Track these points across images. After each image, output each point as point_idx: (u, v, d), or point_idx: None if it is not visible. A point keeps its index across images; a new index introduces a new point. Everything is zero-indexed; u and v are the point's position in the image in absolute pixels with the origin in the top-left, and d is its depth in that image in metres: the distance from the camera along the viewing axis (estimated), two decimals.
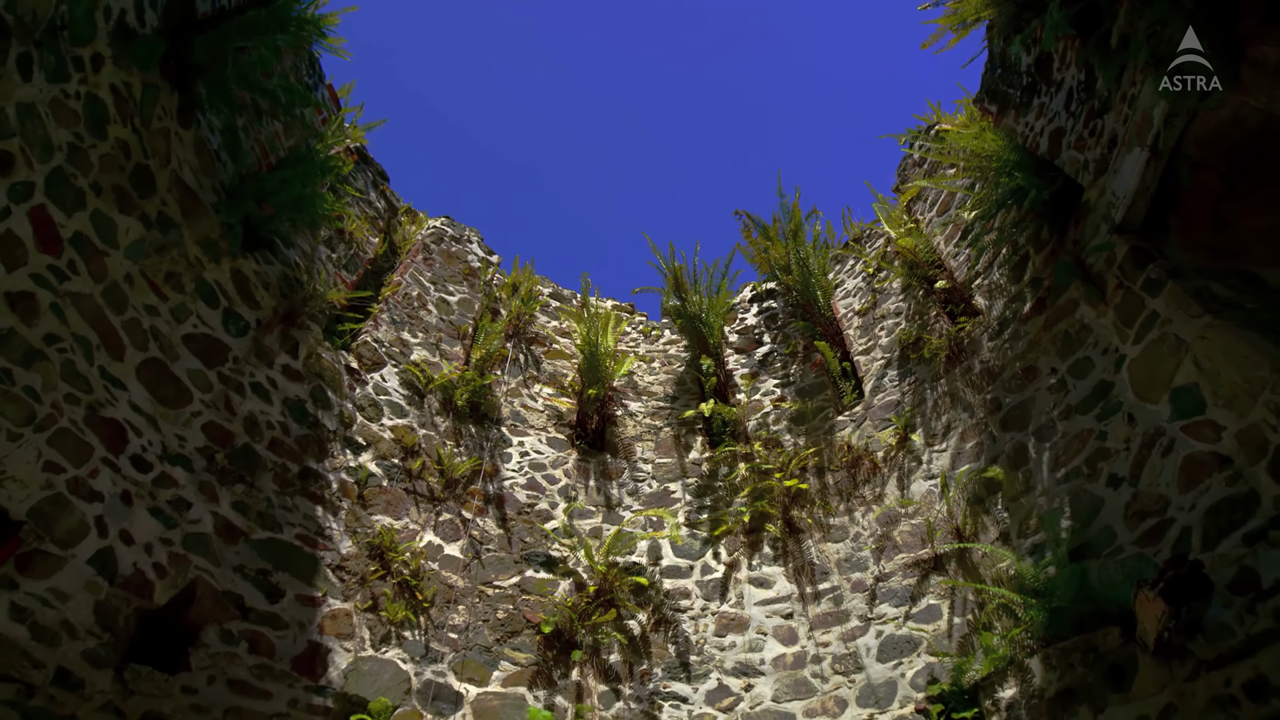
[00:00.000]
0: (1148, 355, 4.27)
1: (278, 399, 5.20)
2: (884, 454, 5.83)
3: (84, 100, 3.97)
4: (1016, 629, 4.31)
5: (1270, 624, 3.37)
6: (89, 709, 3.58)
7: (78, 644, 3.65)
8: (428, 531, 5.50)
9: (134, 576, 3.98)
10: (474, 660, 5.03)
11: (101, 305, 4.15)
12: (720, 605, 5.54)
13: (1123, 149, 4.49)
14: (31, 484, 3.62)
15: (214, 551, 4.42)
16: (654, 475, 6.61)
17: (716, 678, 5.13)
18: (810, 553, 5.62)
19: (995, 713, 4.24)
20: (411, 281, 6.96)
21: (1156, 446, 4.13)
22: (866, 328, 6.86)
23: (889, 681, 4.74)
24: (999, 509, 4.89)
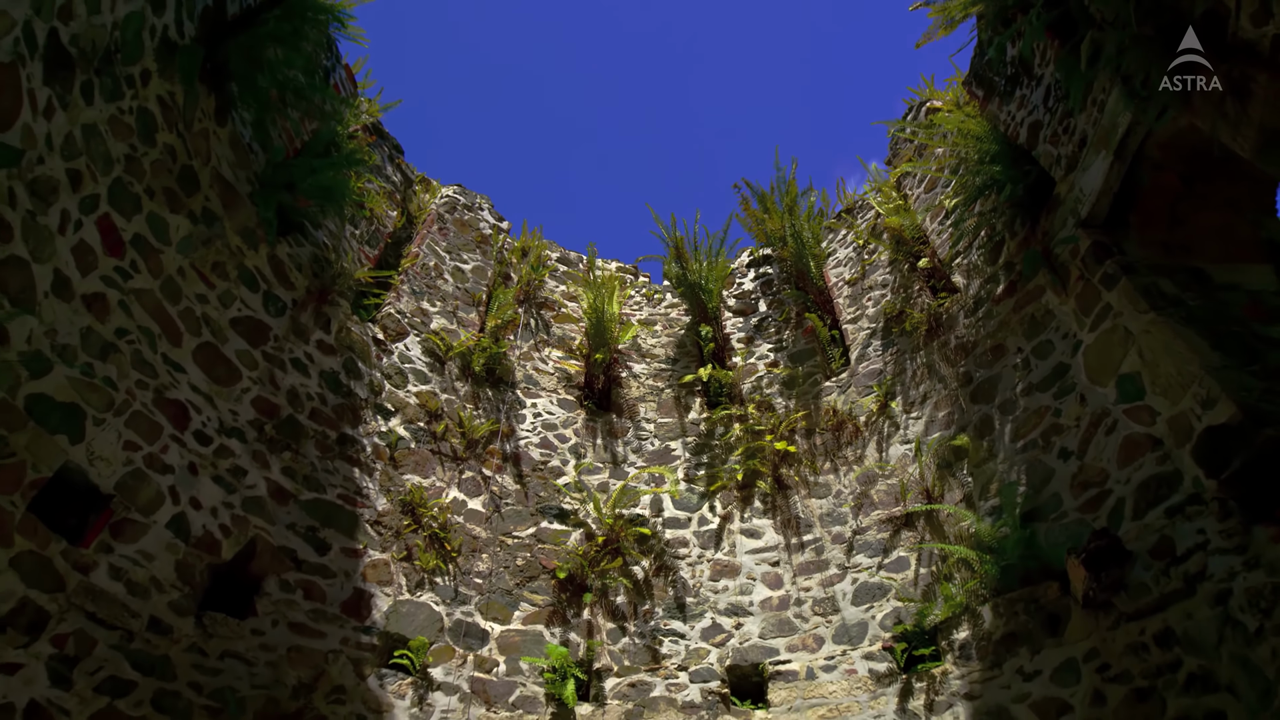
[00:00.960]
0: (1100, 343, 4.72)
1: (315, 372, 5.69)
2: (866, 419, 6.35)
3: (136, 114, 4.32)
4: (972, 581, 4.91)
5: (1180, 585, 3.94)
6: (178, 650, 4.20)
7: (164, 596, 4.25)
8: (452, 488, 6.07)
9: (204, 537, 4.56)
10: (497, 602, 5.68)
11: (160, 298, 4.60)
12: (715, 553, 6.17)
13: (1091, 149, 4.83)
14: (115, 462, 4.15)
15: (269, 512, 4.99)
16: (656, 434, 7.17)
17: (711, 617, 5.79)
18: (796, 507, 6.21)
19: (950, 651, 4.89)
20: (428, 252, 7.35)
21: (1102, 426, 4.63)
22: (855, 297, 7.28)
23: (861, 622, 5.39)
24: (964, 474, 5.44)
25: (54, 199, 3.79)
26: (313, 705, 4.52)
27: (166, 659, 4.14)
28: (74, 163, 3.90)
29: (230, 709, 4.24)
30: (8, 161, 3.44)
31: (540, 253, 8.46)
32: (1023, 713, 4.39)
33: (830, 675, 5.21)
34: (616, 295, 7.82)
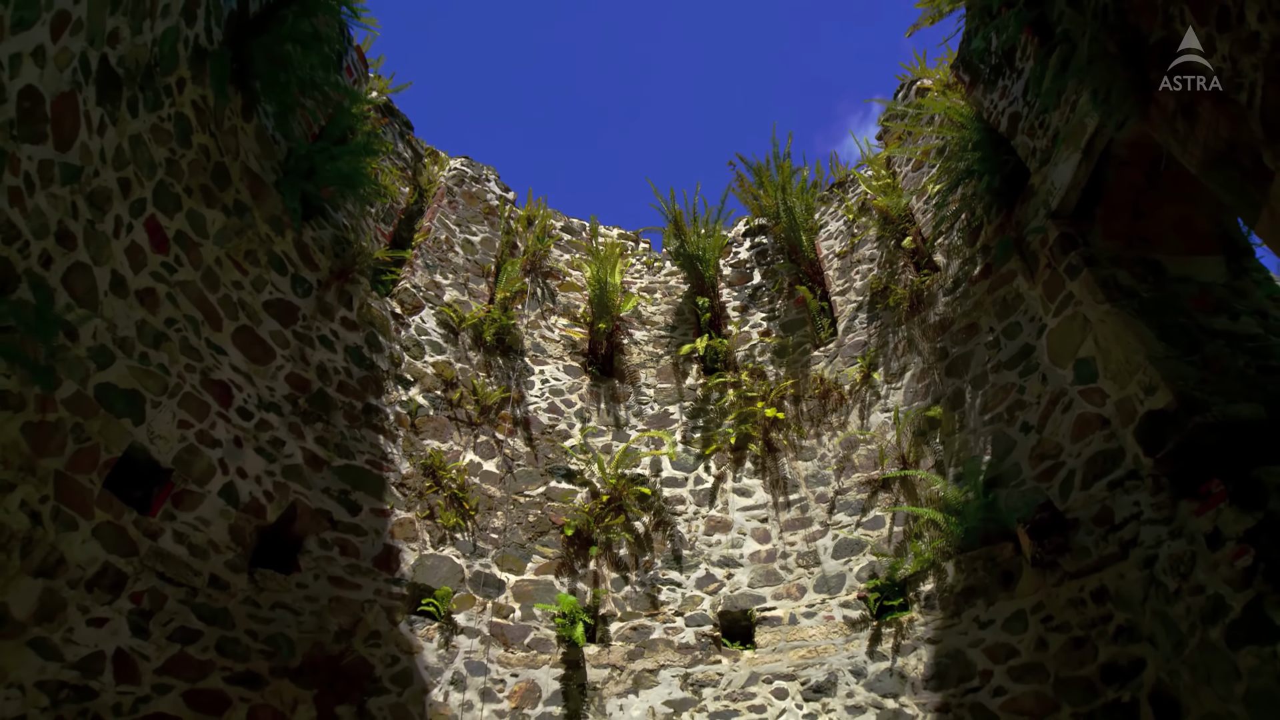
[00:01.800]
0: (1062, 328, 5.13)
1: (340, 347, 6.11)
2: (850, 388, 6.80)
3: (174, 120, 4.63)
4: (939, 540, 5.44)
5: (1115, 549, 4.46)
6: (235, 603, 4.75)
7: (220, 556, 4.78)
8: (468, 451, 6.57)
9: (251, 502, 5.06)
10: (512, 555, 6.24)
11: (201, 288, 4.99)
12: (709, 510, 6.71)
13: (1062, 145, 5.14)
14: (172, 439, 4.63)
15: (305, 478, 5.49)
16: (655, 399, 7.63)
17: (705, 568, 6.36)
18: (784, 469, 6.72)
19: (917, 601, 5.46)
20: (439, 226, 7.68)
21: (1060, 404, 5.08)
22: (844, 270, 7.64)
23: (839, 574, 5.96)
24: (937, 442, 5.92)
25: (108, 207, 4.15)
26: (353, 648, 5.11)
27: (226, 610, 4.69)
28: (123, 171, 4.25)
29: (283, 652, 4.82)
30: (70, 178, 3.80)
31: (545, 223, 8.77)
32: (977, 656, 4.97)
33: (811, 621, 5.81)
34: (618, 266, 8.17)
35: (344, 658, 5.05)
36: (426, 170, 8.18)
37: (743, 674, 5.67)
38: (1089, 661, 4.47)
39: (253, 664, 4.68)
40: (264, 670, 4.71)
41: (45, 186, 3.64)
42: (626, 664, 5.77)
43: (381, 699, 5.06)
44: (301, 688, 4.81)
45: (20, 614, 3.65)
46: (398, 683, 5.19)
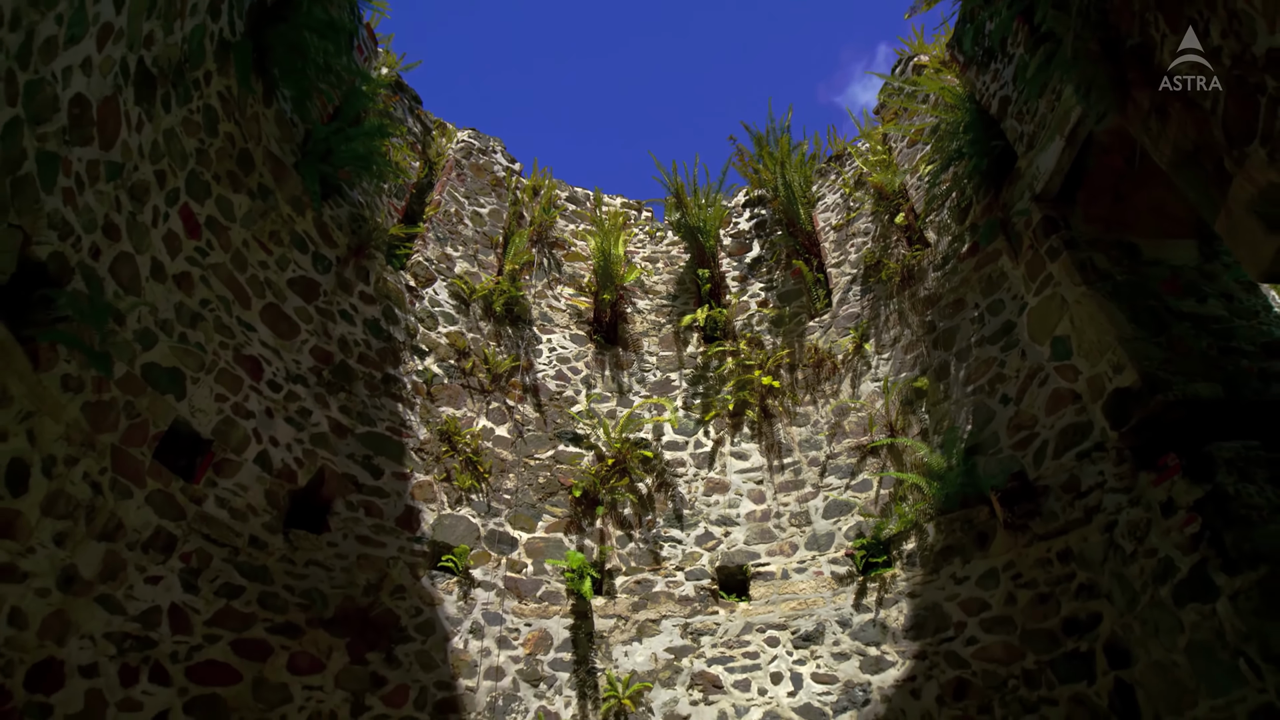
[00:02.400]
0: (1042, 307, 5.43)
1: (359, 320, 6.41)
2: (843, 357, 7.12)
3: (202, 111, 4.85)
4: (921, 502, 5.83)
5: (1080, 515, 4.84)
6: (273, 560, 5.16)
7: (258, 519, 5.17)
8: (481, 418, 6.93)
9: (283, 468, 5.43)
10: (523, 514, 6.65)
11: (231, 269, 5.27)
12: (708, 472, 7.10)
13: (1048, 132, 5.35)
14: (211, 412, 4.97)
15: (331, 445, 5.85)
16: (657, 366, 7.96)
17: (704, 526, 6.78)
18: (779, 434, 7.08)
19: (899, 559, 5.88)
20: (449, 199, 7.89)
21: (1036, 378, 5.41)
22: (840, 243, 7.87)
23: (829, 533, 6.37)
24: (923, 411, 6.26)
25: (146, 198, 4.42)
26: (380, 601, 5.54)
27: (265, 568, 5.10)
28: (159, 164, 4.50)
29: (317, 605, 5.25)
30: (113, 175, 4.06)
31: (550, 193, 8.96)
32: (952, 609, 5.40)
33: (801, 576, 6.24)
34: (622, 237, 8.40)
35: (372, 609, 5.48)
36: (435, 143, 8.35)
37: (738, 624, 6.13)
38: (1052, 615, 4.90)
39: (291, 616, 5.11)
40: (301, 621, 5.14)
41: (93, 184, 3.90)
42: (631, 615, 6.23)
43: (407, 646, 5.52)
44: (335, 636, 5.25)
45: (88, 574, 4.05)
46: (421, 632, 5.64)
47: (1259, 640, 3.69)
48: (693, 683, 5.87)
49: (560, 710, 5.65)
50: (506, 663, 5.78)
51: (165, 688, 4.42)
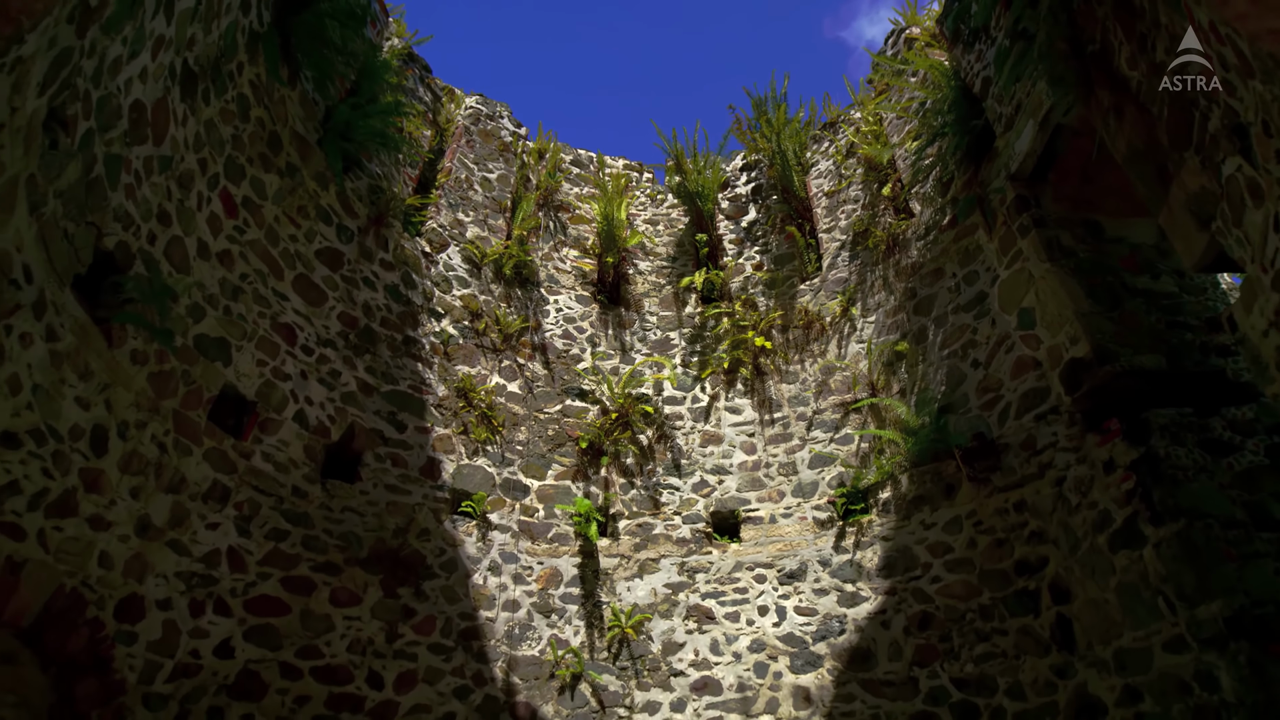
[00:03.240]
0: (1011, 280, 5.85)
1: (380, 286, 6.84)
2: (831, 320, 7.56)
3: (236, 100, 5.18)
4: (897, 456, 6.37)
5: (1034, 470, 5.37)
6: (313, 507, 5.73)
7: (298, 471, 5.71)
8: (494, 375, 7.42)
9: (318, 425, 5.95)
10: (534, 464, 7.21)
11: (265, 244, 5.69)
12: (704, 425, 7.63)
13: (1023, 115, 5.68)
14: (254, 376, 5.46)
15: (360, 402, 6.36)
16: (658, 326, 8.40)
17: (700, 475, 7.35)
18: (770, 391, 7.58)
19: (875, 506, 6.45)
20: (459, 166, 8.20)
21: (1004, 345, 5.87)
22: (831, 209, 8.21)
23: (813, 482, 6.94)
24: (902, 372, 6.74)
25: (191, 185, 4.81)
26: (408, 542, 6.14)
27: (307, 514, 5.67)
28: (201, 153, 4.87)
29: (353, 547, 5.84)
30: (164, 167, 4.45)
31: (555, 158, 9.24)
32: (920, 551, 5.99)
33: (787, 520, 6.83)
34: (624, 202, 8.73)
35: (402, 550, 6.08)
36: (444, 109, 8.60)
37: (729, 563, 6.75)
38: (1007, 558, 5.48)
39: (330, 556, 5.71)
40: (339, 561, 5.74)
41: (148, 178, 4.30)
42: (633, 554, 6.85)
43: (433, 582, 6.14)
44: (370, 574, 5.86)
45: (159, 522, 4.60)
46: (445, 569, 6.25)
47: (1175, 582, 4.26)
48: (688, 614, 6.52)
49: (570, 638, 6.32)
50: (521, 596, 6.42)
51: (227, 618, 5.05)
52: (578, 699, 6.04)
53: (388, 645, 5.73)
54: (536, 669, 6.11)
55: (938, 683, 5.56)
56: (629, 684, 6.17)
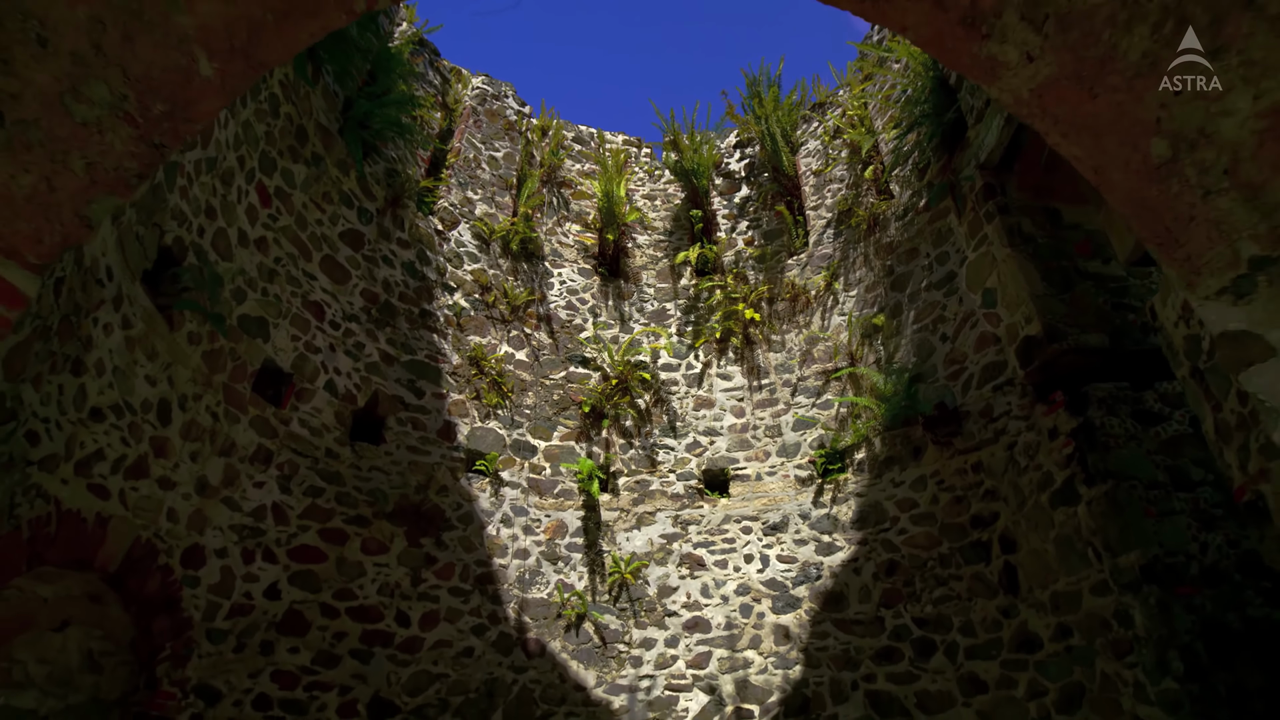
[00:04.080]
0: (977, 262, 6.33)
1: (398, 264, 7.32)
2: (815, 293, 8.05)
3: (268, 99, 5.60)
4: (872, 420, 6.94)
5: (990, 435, 5.94)
6: (344, 467, 6.32)
7: (330, 434, 6.29)
8: (503, 344, 7.96)
9: (346, 393, 6.51)
10: (541, 426, 7.79)
11: (295, 229, 6.16)
12: (697, 390, 8.20)
13: (992, 109, 6.09)
14: (289, 350, 5.99)
15: (382, 371, 6.91)
16: (655, 297, 8.89)
17: (693, 436, 7.94)
18: (759, 359, 8.12)
19: (851, 466, 7.06)
20: (467, 145, 8.58)
21: (969, 322, 6.39)
22: (818, 187, 8.62)
23: (796, 443, 7.53)
24: (878, 343, 7.28)
25: (232, 180, 5.27)
26: (429, 498, 6.75)
27: (339, 473, 6.27)
28: (239, 151, 5.32)
29: (380, 502, 6.45)
30: (210, 168, 4.91)
31: (558, 135, 9.60)
32: (890, 506, 6.61)
33: (772, 478, 7.45)
34: (623, 180, 9.13)
35: (423, 505, 6.70)
36: (452, 89, 8.93)
37: (719, 516, 7.39)
38: (964, 513, 6.10)
39: (360, 510, 6.33)
40: (369, 514, 6.36)
41: (197, 178, 4.77)
42: (631, 508, 7.48)
43: (452, 533, 6.77)
44: (395, 526, 6.49)
45: (214, 481, 5.19)
46: (462, 522, 6.88)
47: (1102, 535, 4.87)
48: (681, 562, 7.19)
49: (575, 583, 6.99)
50: (531, 546, 7.07)
51: (274, 565, 5.68)
52: (582, 636, 6.73)
53: (413, 589, 6.39)
54: (545, 610, 6.79)
55: (901, 621, 6.23)
56: (628, 623, 6.86)
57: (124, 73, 1.80)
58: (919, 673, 6.03)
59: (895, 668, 6.14)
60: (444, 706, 6.16)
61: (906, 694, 6.05)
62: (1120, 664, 4.73)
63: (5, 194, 1.72)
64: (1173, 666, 4.38)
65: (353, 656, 5.95)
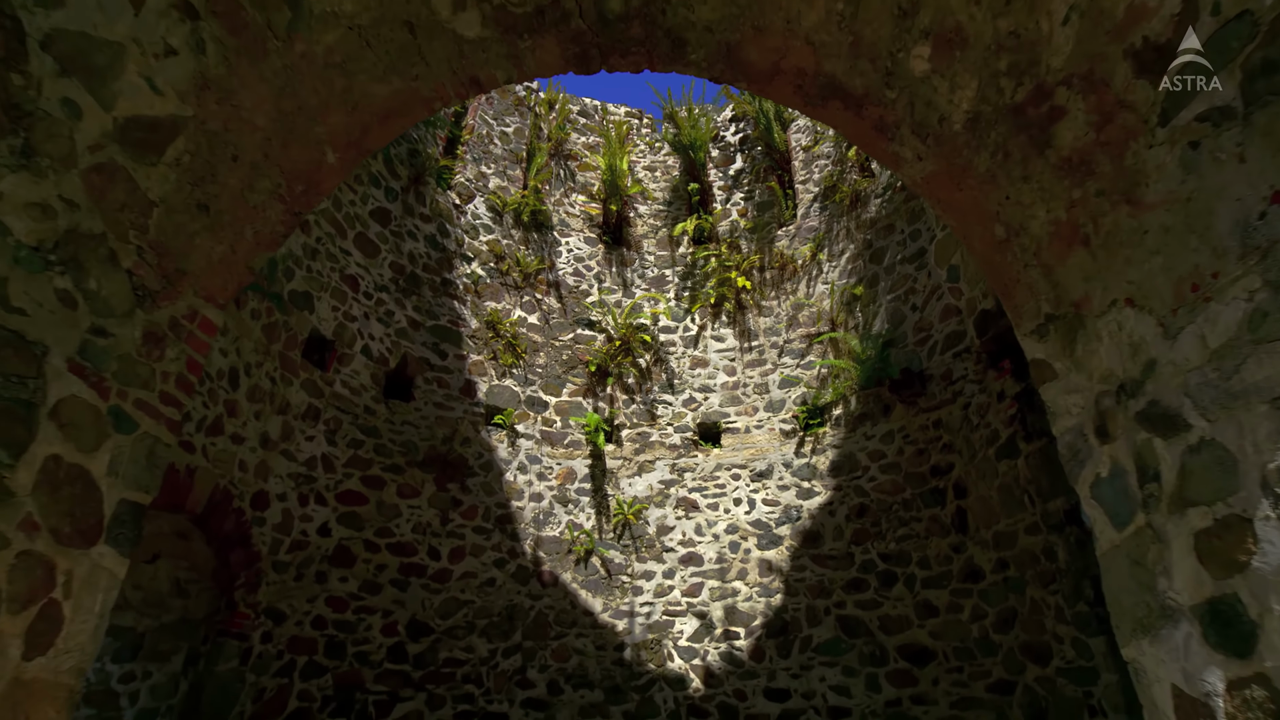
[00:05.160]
0: (945, 240, 6.98)
1: (421, 237, 7.95)
2: (802, 263, 8.69)
3: None
4: (848, 381, 7.69)
5: (949, 396, 6.70)
6: (379, 421, 7.09)
7: (367, 394, 7.03)
8: (516, 309, 8.64)
9: (379, 356, 7.23)
10: (552, 383, 8.54)
11: (332, 211, 6.78)
12: (693, 351, 8.92)
13: None
14: (330, 319, 6.68)
15: (410, 336, 7.62)
16: (655, 264, 9.53)
17: (689, 393, 8.70)
18: (749, 322, 8.82)
19: (829, 421, 7.83)
20: (480, 123, 9.09)
21: (935, 294, 7.07)
22: (806, 163, 9.16)
23: (781, 400, 8.30)
24: (857, 311, 7.97)
25: None
26: (454, 448, 7.55)
27: (375, 427, 7.04)
28: None
29: (412, 452, 7.25)
30: None
31: (564, 109, 10.06)
32: (862, 457, 7.41)
33: (759, 431, 8.24)
34: (625, 153, 9.64)
35: (449, 454, 7.49)
36: None
37: (711, 464, 8.21)
38: (925, 463, 6.90)
39: (395, 459, 7.12)
40: (402, 463, 7.16)
41: None
42: (633, 457, 8.29)
43: (474, 479, 7.59)
44: (425, 473, 7.29)
45: (274, 436, 5.96)
46: (483, 469, 7.70)
47: (1036, 484, 5.66)
48: (678, 504, 8.03)
49: (583, 522, 7.84)
50: (544, 490, 7.91)
51: (324, 507, 6.50)
52: (590, 568, 7.62)
53: (442, 527, 7.24)
54: (557, 546, 7.66)
55: (868, 557, 7.10)
56: (630, 558, 7.75)
57: (280, 169, 2.45)
58: (882, 600, 6.92)
59: (862, 596, 7.03)
60: (471, 628, 7.08)
61: (871, 618, 6.95)
62: (1045, 591, 5.58)
63: (207, 260, 2.40)
64: (1084, 593, 5.23)
65: (392, 585, 6.83)
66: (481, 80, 2.82)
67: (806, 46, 2.65)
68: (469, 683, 6.94)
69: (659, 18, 2.69)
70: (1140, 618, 2.02)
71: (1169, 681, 1.90)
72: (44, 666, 2.00)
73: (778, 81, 2.82)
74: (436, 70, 2.69)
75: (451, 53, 2.68)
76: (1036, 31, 2.13)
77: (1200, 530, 1.80)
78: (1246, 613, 1.66)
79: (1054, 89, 2.17)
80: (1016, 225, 2.51)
